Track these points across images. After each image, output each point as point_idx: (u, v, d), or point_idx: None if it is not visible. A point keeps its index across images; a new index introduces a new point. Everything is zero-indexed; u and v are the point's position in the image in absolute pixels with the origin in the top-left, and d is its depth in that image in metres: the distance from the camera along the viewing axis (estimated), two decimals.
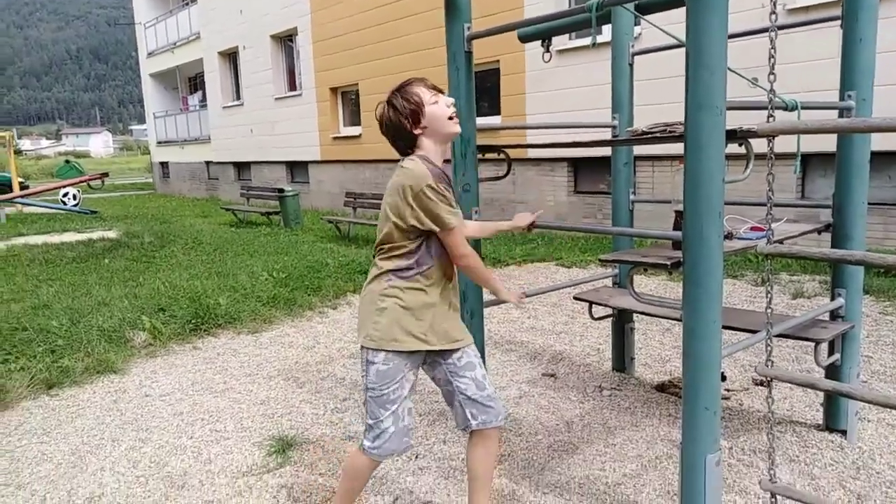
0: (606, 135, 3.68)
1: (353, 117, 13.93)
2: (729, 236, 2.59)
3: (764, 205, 2.05)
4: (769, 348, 1.99)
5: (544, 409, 3.45)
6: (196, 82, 22.71)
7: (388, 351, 2.02)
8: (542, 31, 3.13)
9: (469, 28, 2.70)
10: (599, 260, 3.58)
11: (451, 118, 2.05)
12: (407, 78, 2.10)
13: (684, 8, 1.92)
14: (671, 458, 2.80)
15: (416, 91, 2.03)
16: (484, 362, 3.07)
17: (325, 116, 14.25)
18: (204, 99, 20.74)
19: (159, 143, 23.86)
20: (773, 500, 2.06)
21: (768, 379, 1.98)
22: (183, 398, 3.77)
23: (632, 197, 3.61)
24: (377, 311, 2.02)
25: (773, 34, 1.82)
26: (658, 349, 4.32)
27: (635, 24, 3.83)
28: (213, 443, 3.17)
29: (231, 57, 18.36)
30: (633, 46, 3.45)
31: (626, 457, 2.86)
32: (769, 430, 1.98)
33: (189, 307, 5.28)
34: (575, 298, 3.66)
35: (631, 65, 3.47)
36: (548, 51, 3.16)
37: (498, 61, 9.94)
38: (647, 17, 2.53)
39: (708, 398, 2.07)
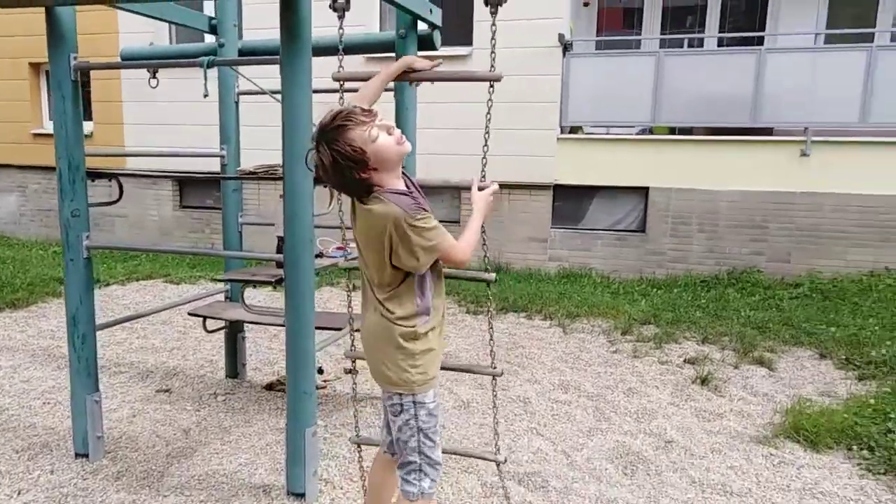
0: (215, 156, 4.01)
1: None
2: (320, 255, 3.25)
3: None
4: (352, 338, 2.64)
5: (160, 422, 3.61)
6: None
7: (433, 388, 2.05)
8: (149, 62, 3.33)
9: (76, 58, 2.75)
10: (212, 280, 3.90)
11: (399, 142, 1.88)
12: (329, 113, 1.84)
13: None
14: (279, 444, 3.32)
15: (350, 137, 1.80)
16: (97, 388, 3.12)
17: None
18: None
19: None
20: (359, 448, 2.70)
21: (353, 361, 2.63)
22: None
23: (240, 219, 4.03)
24: (418, 355, 1.99)
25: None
26: (267, 354, 4.83)
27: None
28: None
29: None
30: (238, 86, 3.88)
31: (240, 449, 3.28)
32: (353, 400, 2.64)
33: None
34: (189, 314, 3.91)
35: (237, 102, 3.90)
36: (154, 77, 3.36)
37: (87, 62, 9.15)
38: (253, 75, 3.00)
39: (306, 384, 2.66)
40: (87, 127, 9.21)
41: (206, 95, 2.68)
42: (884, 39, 7.44)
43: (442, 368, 2.37)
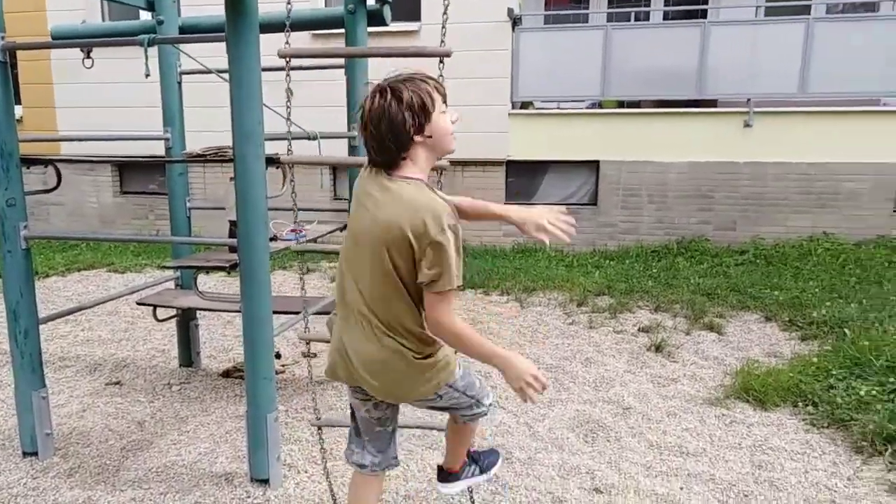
0: (158, 139, 3.85)
1: None
2: (274, 238, 3.17)
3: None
4: (306, 322, 2.60)
5: (112, 415, 3.49)
6: None
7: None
8: (84, 41, 3.16)
9: (3, 38, 2.58)
10: (161, 267, 3.78)
11: (451, 132, 1.76)
12: (412, 70, 1.69)
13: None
14: (239, 431, 3.26)
15: (427, 90, 1.67)
16: (44, 383, 2.99)
17: None
18: None
19: None
20: (319, 431, 2.67)
21: (308, 343, 2.59)
22: None
23: (188, 204, 3.90)
24: (440, 361, 1.83)
25: (288, 93, 2.41)
26: (221, 341, 4.73)
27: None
28: None
29: None
30: (180, 66, 3.72)
31: (199, 439, 3.21)
32: (311, 383, 2.60)
33: None
34: (138, 304, 3.77)
35: (179, 83, 3.74)
36: (89, 56, 3.20)
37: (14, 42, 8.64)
38: (196, 53, 2.88)
39: (265, 370, 2.61)
40: (17, 111, 8.73)
41: (147, 75, 2.56)
42: (820, 11, 7.67)
43: None
